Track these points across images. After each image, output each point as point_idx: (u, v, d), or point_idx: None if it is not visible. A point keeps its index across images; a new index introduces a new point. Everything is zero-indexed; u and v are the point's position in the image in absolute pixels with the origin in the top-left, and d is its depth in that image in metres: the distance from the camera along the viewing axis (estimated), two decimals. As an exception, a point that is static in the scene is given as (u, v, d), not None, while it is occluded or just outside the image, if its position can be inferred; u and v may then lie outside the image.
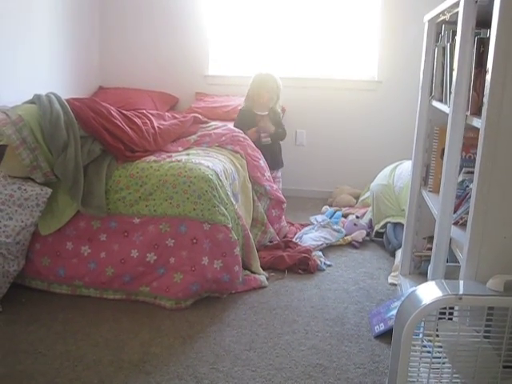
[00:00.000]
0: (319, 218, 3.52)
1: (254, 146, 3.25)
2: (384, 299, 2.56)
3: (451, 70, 1.88)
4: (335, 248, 3.25)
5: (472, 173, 1.57)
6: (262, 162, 3.24)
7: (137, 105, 4.00)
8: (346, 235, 3.34)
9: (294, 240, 3.20)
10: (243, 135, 3.22)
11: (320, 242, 3.19)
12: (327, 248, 3.20)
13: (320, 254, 3.08)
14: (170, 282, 2.47)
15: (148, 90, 4.43)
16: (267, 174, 3.23)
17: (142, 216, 2.52)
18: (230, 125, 3.31)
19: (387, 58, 4.22)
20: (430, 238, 2.15)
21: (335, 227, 3.37)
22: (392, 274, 2.85)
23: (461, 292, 1.43)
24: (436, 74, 2.18)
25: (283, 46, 4.39)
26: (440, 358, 1.47)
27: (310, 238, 3.24)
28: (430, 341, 1.46)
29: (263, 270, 2.81)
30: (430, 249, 2.01)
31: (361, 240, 3.32)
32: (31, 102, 2.70)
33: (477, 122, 1.55)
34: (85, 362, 2.00)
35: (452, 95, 1.76)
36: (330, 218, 3.57)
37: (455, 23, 1.82)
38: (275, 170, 3.62)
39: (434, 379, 1.47)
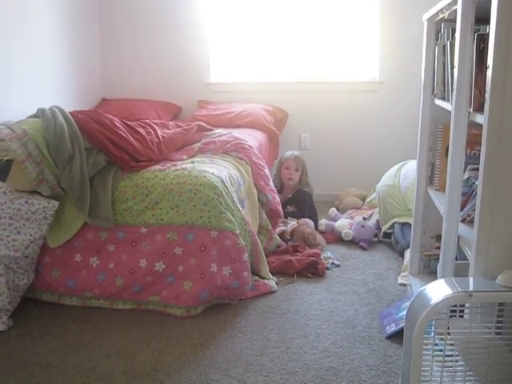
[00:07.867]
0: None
1: (258, 154, 3.25)
2: (394, 300, 2.55)
3: (452, 67, 1.88)
4: (343, 250, 3.24)
5: (477, 169, 1.57)
6: (267, 171, 3.22)
7: (140, 115, 4.01)
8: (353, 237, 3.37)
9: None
10: (248, 143, 3.21)
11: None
12: (335, 250, 3.20)
13: (329, 254, 3.09)
14: (179, 290, 2.47)
15: (151, 99, 4.44)
16: (271, 184, 3.22)
17: (149, 225, 2.53)
18: (234, 132, 3.31)
19: (388, 58, 4.22)
20: (438, 237, 2.14)
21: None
22: (401, 274, 2.84)
23: (471, 289, 1.43)
24: (437, 72, 2.18)
25: (284, 50, 4.39)
26: (452, 355, 1.47)
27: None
28: (441, 339, 1.46)
29: (272, 274, 2.81)
30: (439, 247, 2.00)
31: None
32: (35, 116, 2.72)
33: (480, 119, 1.55)
34: (97, 373, 2.01)
35: (454, 93, 1.76)
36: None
37: (454, 21, 1.82)
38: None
39: (447, 377, 1.47)
